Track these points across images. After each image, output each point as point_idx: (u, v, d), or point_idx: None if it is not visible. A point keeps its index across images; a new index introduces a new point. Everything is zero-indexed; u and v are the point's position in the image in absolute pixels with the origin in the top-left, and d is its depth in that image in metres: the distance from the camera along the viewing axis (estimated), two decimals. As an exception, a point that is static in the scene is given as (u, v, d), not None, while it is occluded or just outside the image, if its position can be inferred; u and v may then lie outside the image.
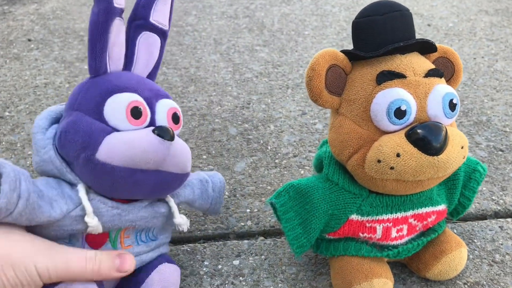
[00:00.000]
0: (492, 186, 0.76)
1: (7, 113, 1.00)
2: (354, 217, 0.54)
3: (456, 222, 0.69)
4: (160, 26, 0.57)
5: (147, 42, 0.57)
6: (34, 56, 1.27)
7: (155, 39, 0.57)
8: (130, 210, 0.51)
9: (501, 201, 0.73)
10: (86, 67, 1.11)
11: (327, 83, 0.51)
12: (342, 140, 0.52)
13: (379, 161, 0.48)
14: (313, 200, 0.54)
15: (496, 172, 0.80)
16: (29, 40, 1.37)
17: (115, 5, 0.49)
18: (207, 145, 0.89)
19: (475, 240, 0.66)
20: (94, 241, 0.51)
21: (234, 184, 0.78)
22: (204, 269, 0.62)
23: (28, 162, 0.84)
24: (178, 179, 0.52)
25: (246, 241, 0.67)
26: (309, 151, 0.87)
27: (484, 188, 0.76)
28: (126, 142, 0.47)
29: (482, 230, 0.67)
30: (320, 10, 1.58)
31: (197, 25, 1.47)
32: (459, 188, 0.58)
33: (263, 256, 0.64)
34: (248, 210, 0.73)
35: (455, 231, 0.67)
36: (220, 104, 1.03)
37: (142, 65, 0.57)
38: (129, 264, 0.50)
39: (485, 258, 0.63)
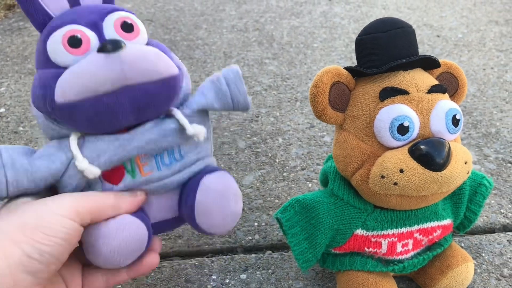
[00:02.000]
0: (501, 199, 0.76)
1: (21, 128, 1.02)
2: (359, 232, 0.55)
3: (464, 236, 0.69)
4: None
5: None
6: (48, 71, 1.30)
7: None
8: (132, 137, 0.48)
9: (510, 214, 0.73)
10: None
11: (330, 99, 0.52)
12: (346, 156, 0.52)
13: (382, 176, 0.48)
14: (319, 215, 0.54)
15: (504, 185, 0.80)
16: (43, 55, 1.40)
17: None
18: (216, 159, 0.90)
19: (483, 254, 0.65)
20: (112, 178, 0.50)
21: (242, 198, 0.79)
22: (212, 283, 0.63)
23: (41, 177, 0.86)
24: (159, 86, 0.47)
25: (253, 255, 0.67)
26: (317, 164, 0.87)
27: (492, 201, 0.76)
28: (72, 73, 0.44)
29: (490, 244, 0.67)
30: (329, 22, 1.59)
31: (207, 38, 1.49)
32: (465, 202, 0.58)
33: (270, 270, 0.64)
34: (255, 224, 0.73)
35: (462, 244, 0.67)
36: (229, 117, 1.04)
37: None
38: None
39: (493, 272, 0.62)
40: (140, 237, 0.49)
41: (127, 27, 0.48)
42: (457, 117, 0.50)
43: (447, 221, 0.57)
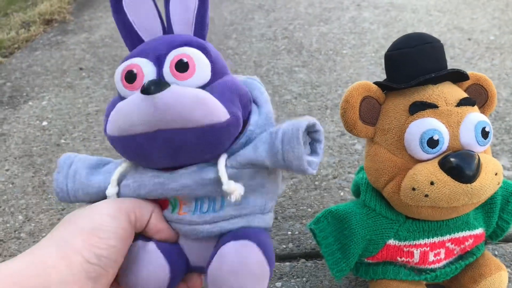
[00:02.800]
0: (535, 206, 0.76)
1: (62, 141, 1.07)
2: (391, 242, 0.56)
3: (498, 244, 0.69)
4: None
5: None
6: (86, 84, 1.35)
7: None
8: (173, 178, 0.47)
9: (545, 221, 0.73)
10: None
11: (361, 113, 0.54)
12: (378, 169, 0.54)
13: (413, 189, 0.50)
14: (351, 226, 0.56)
15: (539, 192, 0.79)
16: (81, 68, 1.46)
17: None
18: (249, 168, 0.92)
19: (517, 262, 0.66)
20: (162, 203, 0.51)
21: (275, 207, 0.81)
22: (248, 290, 0.65)
23: (83, 188, 0.90)
24: (195, 134, 0.44)
25: (288, 263, 0.69)
26: (349, 173, 0.89)
27: (526, 208, 0.76)
28: (116, 109, 0.46)
29: (525, 252, 0.67)
30: (358, 28, 1.60)
31: (237, 48, 1.52)
32: (497, 211, 0.59)
33: (304, 279, 0.66)
34: (289, 233, 0.75)
35: (496, 253, 0.68)
36: (261, 126, 1.07)
37: (180, 24, 0.51)
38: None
39: (527, 281, 0.63)
40: (158, 275, 0.47)
41: (181, 66, 0.45)
42: (486, 129, 0.51)
43: (479, 231, 0.58)
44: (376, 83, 0.55)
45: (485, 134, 0.51)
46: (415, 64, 0.53)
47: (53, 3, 1.97)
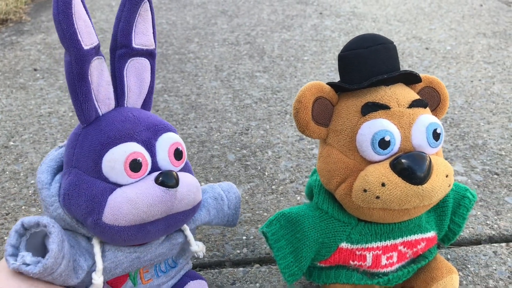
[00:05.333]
0: (487, 211, 0.77)
1: (11, 143, 1.02)
2: (344, 245, 0.55)
3: (450, 247, 0.70)
4: (146, 48, 0.53)
5: (136, 69, 0.53)
6: (40, 85, 1.30)
7: (144, 63, 0.54)
8: (148, 250, 0.52)
9: (496, 225, 0.74)
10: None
11: (313, 114, 0.53)
12: (330, 170, 0.53)
13: (365, 190, 0.49)
14: (304, 229, 0.55)
15: (491, 196, 0.80)
16: (35, 69, 1.40)
17: (86, 47, 0.46)
18: (206, 172, 0.90)
19: (469, 266, 0.66)
20: (115, 282, 0.53)
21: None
22: (199, 297, 0.63)
23: (30, 192, 0.86)
24: (191, 212, 0.52)
25: (241, 269, 0.67)
26: (306, 177, 0.88)
27: (478, 213, 0.77)
28: (129, 201, 0.46)
29: (476, 256, 0.68)
30: (320, 35, 1.61)
31: (199, 52, 1.50)
32: (449, 214, 0.59)
33: (257, 284, 0.65)
34: (244, 237, 0.74)
35: (448, 256, 0.68)
36: (219, 130, 1.05)
37: (135, 94, 0.54)
38: None
39: (478, 284, 0.63)
40: None
41: (179, 155, 0.51)
42: (438, 131, 0.51)
43: (431, 234, 0.58)
44: (329, 83, 0.54)
45: (436, 135, 0.51)
46: (368, 65, 0.52)
47: (9, 3, 1.90)
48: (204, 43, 1.58)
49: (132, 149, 0.48)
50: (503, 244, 0.70)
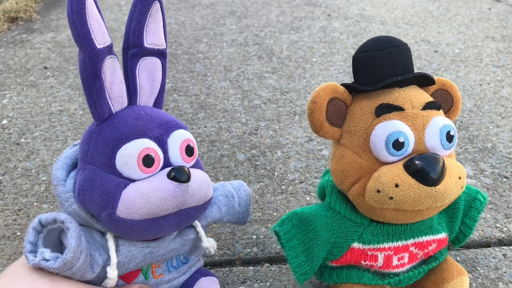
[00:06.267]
0: (496, 214, 0.77)
1: (23, 140, 1.03)
2: (356, 245, 0.56)
3: (460, 250, 0.70)
4: (157, 47, 0.55)
5: (148, 68, 0.54)
6: (50, 83, 1.31)
7: (155, 62, 0.55)
8: (160, 245, 0.53)
9: (505, 228, 0.74)
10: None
11: (328, 115, 0.53)
12: (343, 170, 0.53)
13: (378, 191, 0.50)
14: (316, 228, 0.55)
15: (500, 199, 0.81)
16: (46, 68, 1.41)
17: (99, 46, 0.47)
18: (215, 171, 0.91)
19: (478, 268, 0.66)
20: (128, 276, 0.54)
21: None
22: (210, 295, 0.64)
23: (42, 188, 0.87)
24: (202, 208, 0.53)
25: (251, 268, 0.68)
26: (315, 178, 0.88)
27: (488, 216, 0.77)
28: (142, 195, 0.47)
29: (486, 258, 0.68)
30: (328, 37, 1.61)
31: (208, 52, 1.51)
32: (460, 216, 0.59)
33: (268, 283, 0.65)
34: (254, 237, 0.74)
35: (458, 258, 0.68)
36: (228, 130, 1.06)
37: (147, 93, 0.55)
38: None
39: (488, 286, 0.63)
40: None
41: (190, 151, 0.52)
42: (451, 133, 0.51)
43: (442, 235, 0.58)
44: (343, 85, 0.55)
45: (450, 137, 0.51)
46: (382, 66, 0.53)
47: (19, 1, 1.92)
48: (213, 43, 1.59)
49: (145, 144, 0.49)
50: (513, 247, 0.70)
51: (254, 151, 0.98)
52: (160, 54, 0.55)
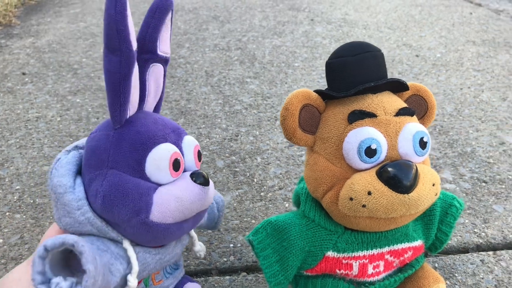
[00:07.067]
0: (475, 219, 0.77)
1: (-3, 148, 1.01)
2: (330, 253, 0.55)
3: (438, 256, 0.70)
4: (165, 55, 0.56)
5: (155, 74, 0.55)
6: (28, 89, 1.29)
7: (160, 68, 0.56)
8: (167, 251, 0.53)
9: (483, 233, 0.74)
10: (79, 100, 1.13)
11: (301, 122, 0.53)
12: (317, 178, 0.52)
13: (351, 199, 0.49)
14: (290, 237, 0.54)
15: (479, 204, 0.80)
16: (24, 73, 1.39)
17: (134, 49, 0.48)
18: (194, 179, 0.90)
19: (456, 274, 0.66)
20: None
21: (218, 218, 0.79)
22: (185, 306, 0.62)
23: (15, 198, 0.85)
24: (205, 212, 0.54)
25: (228, 277, 0.67)
26: (295, 184, 0.87)
27: (466, 221, 0.76)
28: (176, 198, 0.48)
29: (464, 264, 0.68)
30: (311, 42, 1.61)
31: (189, 57, 1.50)
32: (436, 223, 0.58)
33: (244, 292, 0.64)
34: (231, 245, 0.73)
35: (436, 265, 0.68)
36: (208, 136, 1.05)
37: (152, 98, 0.56)
38: None
39: (465, 293, 0.63)
40: None
41: (199, 157, 0.54)
42: (425, 139, 0.51)
43: (418, 242, 0.57)
44: (316, 91, 0.54)
45: (423, 144, 0.51)
46: (355, 72, 0.52)
47: (-1, 6, 1.89)
48: (195, 48, 1.58)
49: (173, 149, 0.50)
50: (490, 253, 0.70)
51: (233, 157, 0.96)
52: (165, 61, 0.56)
